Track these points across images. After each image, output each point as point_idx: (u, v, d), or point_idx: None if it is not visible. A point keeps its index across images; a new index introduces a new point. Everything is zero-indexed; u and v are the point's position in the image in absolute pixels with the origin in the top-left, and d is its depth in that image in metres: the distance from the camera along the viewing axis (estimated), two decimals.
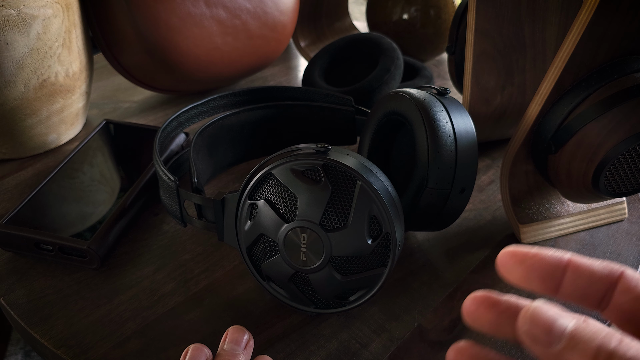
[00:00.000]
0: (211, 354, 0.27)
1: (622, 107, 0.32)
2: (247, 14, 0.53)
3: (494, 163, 0.48)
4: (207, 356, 0.26)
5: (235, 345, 0.27)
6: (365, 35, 0.55)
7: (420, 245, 0.39)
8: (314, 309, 0.31)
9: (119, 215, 0.38)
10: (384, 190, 0.28)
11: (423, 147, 0.32)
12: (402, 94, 0.34)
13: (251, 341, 0.28)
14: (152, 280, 0.35)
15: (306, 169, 0.28)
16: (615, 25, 0.32)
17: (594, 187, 0.33)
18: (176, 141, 0.45)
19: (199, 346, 0.27)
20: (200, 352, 0.26)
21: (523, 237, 0.38)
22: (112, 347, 0.31)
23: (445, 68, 0.68)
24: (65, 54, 0.44)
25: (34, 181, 0.45)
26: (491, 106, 0.45)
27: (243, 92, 0.44)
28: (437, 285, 0.35)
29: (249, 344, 0.28)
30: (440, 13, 0.63)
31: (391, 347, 0.31)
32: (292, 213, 0.28)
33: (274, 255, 0.30)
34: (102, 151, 0.45)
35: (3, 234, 0.35)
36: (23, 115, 0.44)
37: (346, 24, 0.73)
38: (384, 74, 0.50)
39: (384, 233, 0.28)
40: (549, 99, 0.35)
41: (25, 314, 0.33)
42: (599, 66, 0.33)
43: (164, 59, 0.49)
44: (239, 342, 0.27)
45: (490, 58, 0.42)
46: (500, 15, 0.40)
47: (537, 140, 0.36)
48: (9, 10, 0.39)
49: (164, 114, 0.56)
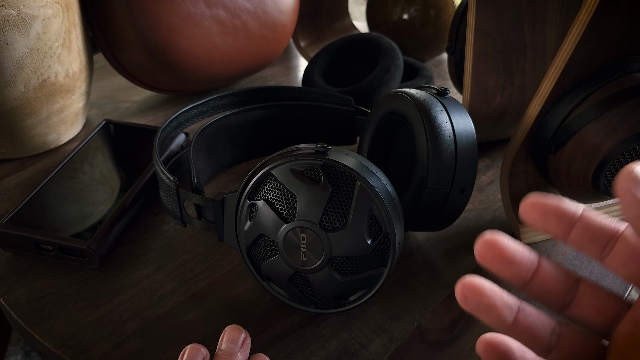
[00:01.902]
0: (208, 353, 0.27)
1: (622, 107, 0.32)
2: (247, 14, 0.53)
3: (494, 163, 0.48)
4: (204, 356, 0.26)
5: (232, 344, 0.27)
6: (365, 35, 0.55)
7: (420, 245, 0.39)
8: (314, 309, 0.31)
9: (119, 215, 0.38)
10: (383, 190, 0.28)
11: (423, 147, 0.32)
12: (401, 94, 0.34)
13: (248, 339, 0.28)
14: (152, 280, 0.35)
15: (306, 169, 0.28)
16: (615, 25, 0.32)
17: (594, 187, 0.33)
18: (176, 141, 0.45)
19: (196, 346, 0.27)
20: (198, 352, 0.26)
21: (523, 237, 0.38)
22: (112, 347, 0.31)
23: (445, 68, 0.68)
24: (65, 54, 0.44)
25: (34, 181, 0.45)
26: (491, 106, 0.45)
27: (243, 92, 0.44)
28: (437, 285, 0.35)
29: (246, 342, 0.28)
30: (440, 13, 0.63)
31: (391, 347, 0.31)
32: (292, 213, 0.28)
33: (273, 255, 0.30)
34: (102, 151, 0.45)
35: (3, 234, 0.36)
36: (23, 115, 0.44)
37: (346, 24, 0.73)
38: (384, 74, 0.50)
39: (384, 233, 0.28)
40: (549, 99, 0.34)
41: (25, 314, 0.33)
42: (599, 66, 0.33)
43: (164, 59, 0.49)
44: (235, 340, 0.27)
45: (490, 58, 0.42)
46: (500, 15, 0.40)
47: (537, 140, 0.36)
48: (9, 10, 0.39)
49: (164, 114, 0.56)
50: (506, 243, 0.20)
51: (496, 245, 0.20)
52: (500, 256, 0.20)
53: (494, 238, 0.20)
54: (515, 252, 0.20)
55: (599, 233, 0.19)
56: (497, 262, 0.20)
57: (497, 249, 0.20)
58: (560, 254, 0.38)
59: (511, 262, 0.20)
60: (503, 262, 0.20)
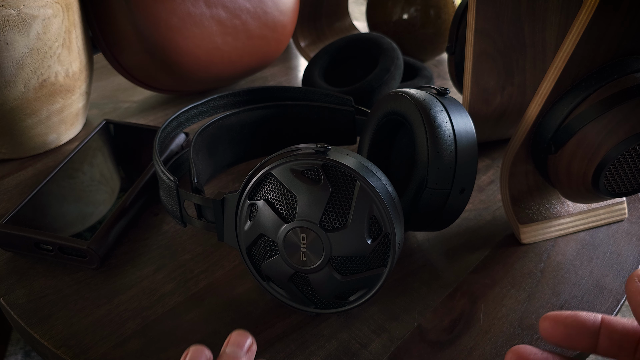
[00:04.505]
0: (212, 355, 0.27)
1: (622, 107, 0.32)
2: (247, 14, 0.53)
3: (494, 163, 0.48)
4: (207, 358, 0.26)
5: (237, 348, 0.27)
6: (365, 35, 0.55)
7: (420, 245, 0.39)
8: (314, 309, 0.31)
9: (119, 215, 0.38)
10: (383, 190, 0.28)
11: (423, 147, 0.32)
12: (402, 94, 0.34)
13: (254, 345, 0.28)
14: (152, 280, 0.35)
15: (306, 169, 0.28)
16: (615, 25, 0.32)
17: (594, 187, 0.33)
18: (176, 141, 0.45)
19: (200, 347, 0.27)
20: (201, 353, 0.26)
21: (523, 237, 0.38)
22: (112, 347, 0.31)
23: (445, 68, 0.68)
24: (65, 54, 0.44)
25: (34, 181, 0.45)
26: (491, 106, 0.45)
27: (243, 92, 0.44)
28: (437, 285, 0.35)
29: (252, 348, 0.28)
30: (440, 13, 0.63)
31: (391, 347, 0.31)
32: (292, 213, 0.28)
33: (273, 255, 0.30)
34: (102, 151, 0.45)
35: (3, 234, 0.36)
36: (23, 115, 0.44)
37: (346, 24, 0.73)
38: (384, 74, 0.50)
39: (384, 233, 0.28)
40: (549, 99, 0.34)
41: (25, 314, 0.33)
42: (599, 66, 0.33)
43: (164, 59, 0.49)
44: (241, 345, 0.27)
45: (490, 58, 0.42)
46: (500, 15, 0.40)
47: (537, 140, 0.36)
48: (9, 10, 0.39)
49: (164, 114, 0.56)
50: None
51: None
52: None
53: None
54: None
55: (625, 338, 0.20)
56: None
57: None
58: (561, 254, 0.38)
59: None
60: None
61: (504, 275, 0.36)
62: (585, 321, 0.20)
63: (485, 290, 0.35)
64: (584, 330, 0.20)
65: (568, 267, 0.37)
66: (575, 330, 0.20)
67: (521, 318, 0.33)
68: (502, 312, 0.34)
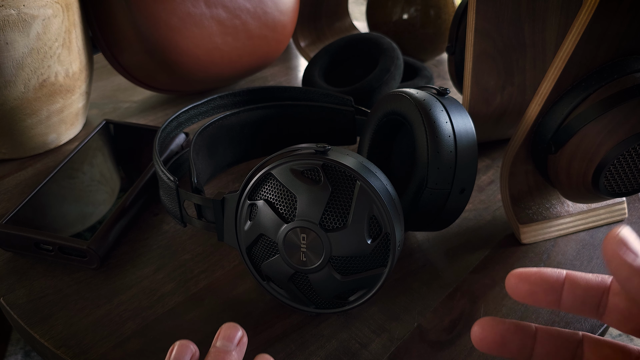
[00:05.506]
0: (197, 350, 0.27)
1: (622, 107, 0.32)
2: (247, 14, 0.53)
3: (494, 163, 0.48)
4: (192, 352, 0.26)
5: (227, 341, 0.27)
6: (365, 35, 0.55)
7: (420, 245, 0.39)
8: (314, 309, 0.31)
9: (119, 215, 0.38)
10: (383, 190, 0.28)
11: (423, 147, 0.32)
12: (401, 94, 0.34)
13: (244, 338, 0.28)
14: (152, 280, 0.35)
15: (306, 169, 0.28)
16: (615, 25, 0.32)
17: (593, 187, 0.33)
18: (176, 141, 0.45)
19: (185, 342, 0.26)
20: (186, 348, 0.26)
21: (523, 237, 0.38)
22: (112, 347, 0.31)
23: (445, 68, 0.68)
24: (65, 54, 0.44)
25: (34, 181, 0.45)
26: (491, 106, 0.45)
27: (243, 92, 0.44)
28: (437, 285, 0.35)
29: (242, 340, 0.27)
30: (440, 13, 0.63)
31: (391, 347, 0.31)
32: (292, 213, 0.28)
33: (273, 255, 0.30)
34: (102, 151, 0.45)
35: (3, 234, 0.36)
36: (23, 115, 0.44)
37: (346, 24, 0.73)
38: (384, 74, 0.50)
39: (384, 233, 0.28)
40: (549, 99, 0.34)
41: (25, 314, 0.33)
42: (599, 66, 0.33)
43: (164, 59, 0.49)
44: (231, 338, 0.27)
45: (490, 58, 0.42)
46: (500, 15, 0.40)
47: (537, 140, 0.36)
48: (9, 10, 0.39)
49: (164, 114, 0.56)
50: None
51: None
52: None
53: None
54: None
55: (588, 293, 0.20)
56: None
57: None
58: (561, 254, 0.38)
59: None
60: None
61: (504, 275, 0.36)
62: (549, 277, 0.20)
63: (485, 290, 0.35)
64: (548, 287, 0.20)
65: (568, 267, 0.37)
66: (540, 286, 0.20)
67: (521, 318, 0.33)
68: (502, 312, 0.34)
